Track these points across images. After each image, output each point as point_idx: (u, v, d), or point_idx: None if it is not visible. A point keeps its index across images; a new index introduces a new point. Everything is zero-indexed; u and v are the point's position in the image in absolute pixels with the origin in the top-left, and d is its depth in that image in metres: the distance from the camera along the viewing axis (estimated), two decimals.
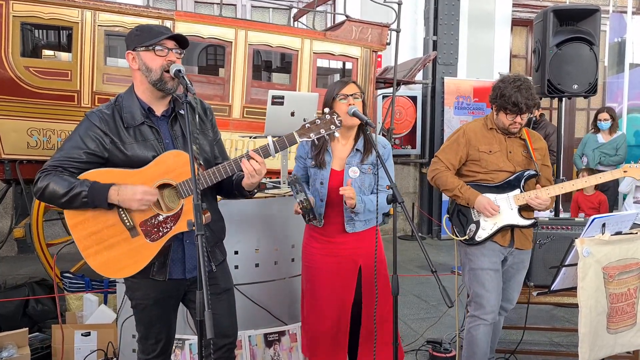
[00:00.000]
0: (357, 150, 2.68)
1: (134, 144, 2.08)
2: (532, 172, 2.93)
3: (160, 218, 2.08)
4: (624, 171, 2.89)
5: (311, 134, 2.12)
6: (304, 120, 2.14)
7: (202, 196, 2.12)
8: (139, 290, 2.19)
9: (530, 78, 2.93)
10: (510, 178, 2.92)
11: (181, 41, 2.12)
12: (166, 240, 2.09)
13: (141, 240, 2.07)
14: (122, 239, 2.08)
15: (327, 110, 2.16)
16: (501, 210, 2.90)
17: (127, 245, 2.07)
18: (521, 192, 2.91)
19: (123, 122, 2.09)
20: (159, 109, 2.16)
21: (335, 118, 2.12)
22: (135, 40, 2.09)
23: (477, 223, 2.93)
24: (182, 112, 2.06)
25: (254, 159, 2.07)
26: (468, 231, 2.96)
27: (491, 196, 2.91)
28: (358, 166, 2.67)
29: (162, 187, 2.10)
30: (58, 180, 2.01)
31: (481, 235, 2.92)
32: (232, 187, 2.22)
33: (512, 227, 2.93)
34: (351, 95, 2.60)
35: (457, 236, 3.00)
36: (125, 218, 2.06)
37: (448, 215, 3.09)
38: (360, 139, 2.70)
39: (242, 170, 2.09)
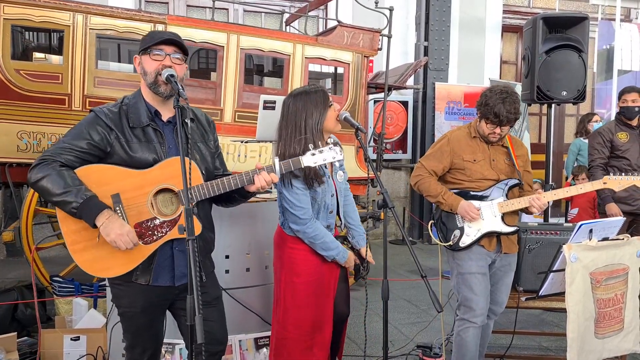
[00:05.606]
0: None
1: (137, 144, 2.09)
2: (515, 182, 2.99)
3: (157, 222, 2.08)
4: (604, 182, 3.01)
5: (315, 161, 2.21)
6: (310, 146, 2.27)
7: (199, 205, 2.14)
8: (125, 298, 2.18)
9: (518, 92, 2.96)
10: (494, 186, 2.97)
11: (182, 46, 2.15)
12: (159, 245, 2.09)
13: None
14: None
15: (330, 140, 2.23)
16: (485, 217, 2.95)
17: None
18: (505, 199, 2.96)
19: (129, 122, 2.10)
20: (165, 114, 2.18)
21: (338, 150, 2.23)
22: (140, 45, 2.14)
23: (461, 229, 2.99)
24: (187, 120, 2.08)
25: (264, 176, 2.14)
26: (452, 237, 3.00)
27: (476, 203, 2.95)
28: (341, 169, 2.76)
29: (158, 191, 2.10)
30: (55, 178, 1.96)
31: (465, 241, 2.97)
32: (231, 193, 2.21)
33: (497, 234, 2.98)
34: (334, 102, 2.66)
35: (441, 242, 3.05)
36: (121, 218, 2.04)
37: (433, 221, 3.13)
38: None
39: (247, 185, 2.15)
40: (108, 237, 1.97)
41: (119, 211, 2.04)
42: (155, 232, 2.08)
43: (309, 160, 2.22)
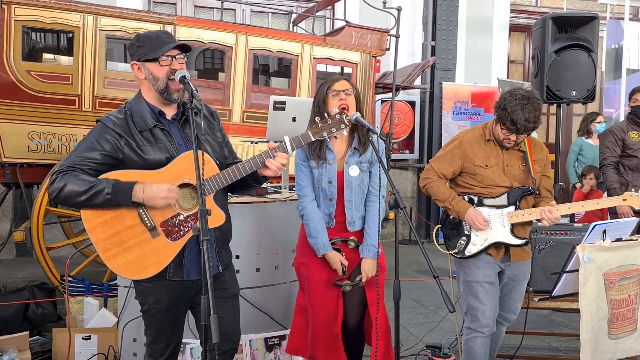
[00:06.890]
0: (355, 149, 2.69)
1: (147, 146, 2.11)
2: (529, 191, 2.83)
3: (181, 217, 2.10)
4: (624, 199, 2.86)
5: (323, 133, 2.21)
6: (317, 119, 2.23)
7: (216, 195, 2.16)
8: (151, 295, 2.19)
9: (539, 98, 2.73)
10: (506, 194, 2.82)
11: (184, 47, 2.16)
12: (187, 239, 2.11)
13: (162, 240, 2.09)
14: (143, 240, 2.08)
15: (335, 110, 2.23)
16: (493, 226, 2.82)
17: (148, 245, 2.08)
18: (516, 209, 2.82)
19: (136, 126, 2.12)
20: (170, 112, 2.20)
21: (344, 118, 2.21)
22: (139, 52, 2.12)
23: (468, 237, 2.86)
24: (191, 114, 2.10)
25: (279, 156, 2.15)
26: (458, 245, 2.89)
27: (485, 210, 2.82)
28: (358, 164, 2.69)
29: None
30: (76, 180, 2.00)
31: (471, 250, 2.85)
32: (245, 179, 2.22)
33: (505, 245, 2.85)
34: (343, 91, 2.61)
35: (447, 249, 2.95)
36: (146, 218, 2.07)
37: (440, 226, 3.01)
38: (355, 138, 2.71)
39: (261, 167, 2.16)
40: (158, 205, 2.04)
41: (142, 213, 2.07)
42: (182, 228, 2.10)
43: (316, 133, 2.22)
